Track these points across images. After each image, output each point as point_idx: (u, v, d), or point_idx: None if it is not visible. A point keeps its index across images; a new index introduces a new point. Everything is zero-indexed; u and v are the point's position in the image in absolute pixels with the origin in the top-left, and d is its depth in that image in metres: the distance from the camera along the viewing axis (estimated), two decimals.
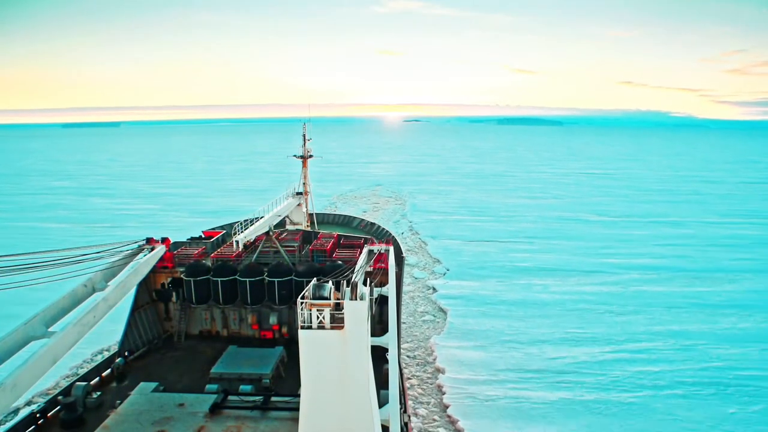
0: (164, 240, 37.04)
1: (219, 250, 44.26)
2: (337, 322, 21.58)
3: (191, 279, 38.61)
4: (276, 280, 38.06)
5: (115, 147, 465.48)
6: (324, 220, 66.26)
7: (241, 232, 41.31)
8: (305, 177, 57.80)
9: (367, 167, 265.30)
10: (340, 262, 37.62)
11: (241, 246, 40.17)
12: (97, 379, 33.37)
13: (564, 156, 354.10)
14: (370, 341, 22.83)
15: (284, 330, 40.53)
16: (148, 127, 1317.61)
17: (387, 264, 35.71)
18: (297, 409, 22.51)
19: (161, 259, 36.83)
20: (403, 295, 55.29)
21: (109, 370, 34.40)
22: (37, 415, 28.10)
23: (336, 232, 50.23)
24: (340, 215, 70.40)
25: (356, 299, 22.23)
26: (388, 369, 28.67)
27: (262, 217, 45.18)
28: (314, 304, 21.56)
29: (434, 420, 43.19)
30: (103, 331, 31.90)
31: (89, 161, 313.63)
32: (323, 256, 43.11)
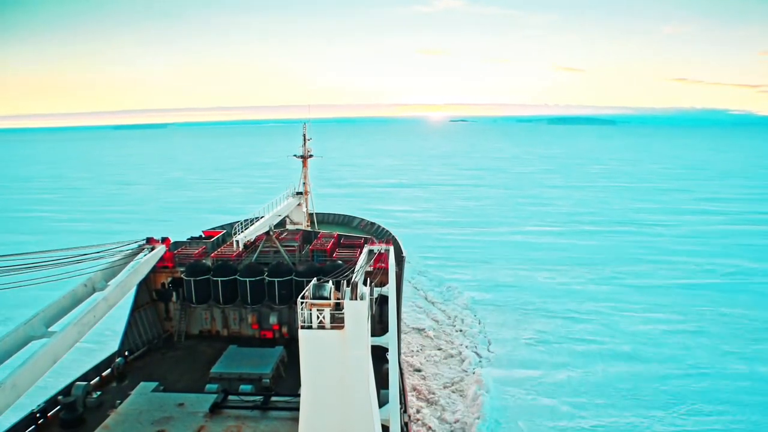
0: (164, 240, 37.03)
1: (219, 249, 44.24)
2: (337, 322, 21.56)
3: (191, 279, 38.61)
4: (276, 279, 38.03)
5: (101, 154, 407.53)
6: (324, 219, 66.22)
7: (242, 231, 41.34)
8: (305, 177, 57.91)
9: (389, 200, 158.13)
10: (340, 261, 37.60)
11: (241, 246, 40.18)
12: (97, 378, 33.36)
13: (685, 170, 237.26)
14: (370, 341, 22.81)
15: (284, 330, 40.50)
16: (195, 128, 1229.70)
17: (387, 264, 35.70)
18: (297, 409, 22.50)
19: (161, 258, 36.76)
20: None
21: (109, 370, 34.40)
22: (37, 415, 28.08)
23: (336, 232, 50.17)
24: (340, 215, 70.27)
25: (356, 299, 22.20)
26: (388, 369, 28.66)
27: (262, 217, 45.17)
28: (314, 304, 21.55)
29: None
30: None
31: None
32: (323, 255, 43.07)
